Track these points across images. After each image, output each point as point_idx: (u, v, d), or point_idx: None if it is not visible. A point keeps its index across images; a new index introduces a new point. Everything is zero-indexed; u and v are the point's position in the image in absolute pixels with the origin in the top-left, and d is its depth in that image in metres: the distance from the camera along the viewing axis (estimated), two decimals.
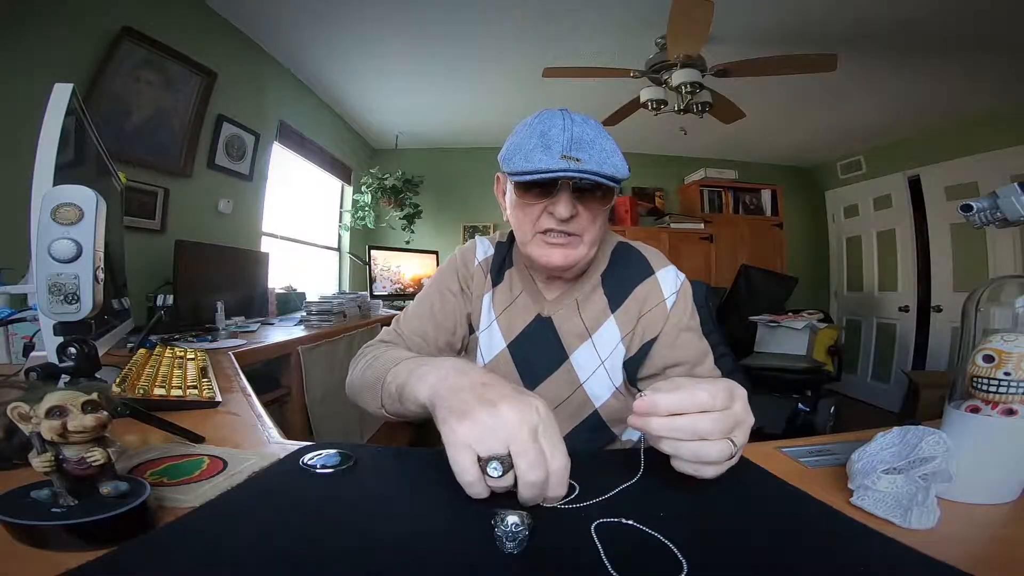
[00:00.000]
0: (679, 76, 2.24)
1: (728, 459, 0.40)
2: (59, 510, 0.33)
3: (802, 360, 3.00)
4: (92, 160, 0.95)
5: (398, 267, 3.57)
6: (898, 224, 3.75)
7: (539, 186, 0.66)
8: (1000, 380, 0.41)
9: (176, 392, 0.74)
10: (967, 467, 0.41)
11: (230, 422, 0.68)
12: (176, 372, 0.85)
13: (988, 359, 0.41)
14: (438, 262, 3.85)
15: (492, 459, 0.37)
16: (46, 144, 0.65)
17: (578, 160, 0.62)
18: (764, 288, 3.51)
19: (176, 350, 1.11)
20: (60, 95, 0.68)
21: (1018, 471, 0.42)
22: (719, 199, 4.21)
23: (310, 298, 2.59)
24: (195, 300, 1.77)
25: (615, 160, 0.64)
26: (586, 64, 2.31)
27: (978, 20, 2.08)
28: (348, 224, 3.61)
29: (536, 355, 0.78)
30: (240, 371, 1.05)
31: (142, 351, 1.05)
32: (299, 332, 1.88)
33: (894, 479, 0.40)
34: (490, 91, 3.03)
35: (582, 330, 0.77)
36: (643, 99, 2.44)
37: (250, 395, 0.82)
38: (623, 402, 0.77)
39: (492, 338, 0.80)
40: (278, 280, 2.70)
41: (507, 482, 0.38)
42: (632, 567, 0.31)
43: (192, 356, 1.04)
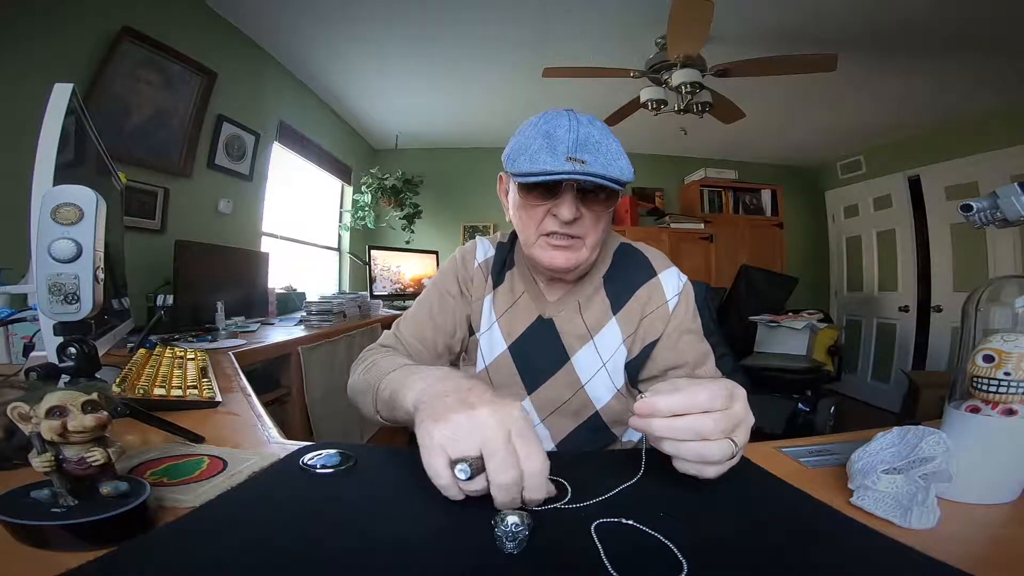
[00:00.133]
0: (679, 76, 2.24)
1: (729, 459, 0.40)
2: (59, 510, 0.33)
3: (802, 360, 3.00)
4: (92, 160, 0.95)
5: (398, 267, 3.57)
6: (898, 224, 3.75)
7: (543, 187, 0.65)
8: (1000, 380, 0.41)
9: (176, 392, 0.74)
10: (967, 467, 0.41)
11: (230, 422, 0.68)
12: (176, 372, 0.85)
13: (988, 359, 0.41)
14: (438, 262, 3.85)
15: (460, 461, 0.37)
16: (46, 144, 0.65)
17: (583, 162, 0.61)
18: (764, 288, 3.51)
19: (176, 350, 1.11)
20: (60, 95, 0.68)
21: (1018, 471, 0.43)
22: (719, 199, 4.21)
23: (310, 298, 2.59)
24: (195, 300, 1.77)
25: (621, 162, 0.63)
26: (586, 64, 2.30)
27: (978, 20, 2.08)
28: (348, 224, 3.61)
29: (537, 357, 0.78)
30: (240, 371, 1.05)
31: (142, 351, 1.05)
32: (299, 332, 1.88)
33: (894, 479, 0.40)
34: (490, 91, 3.03)
35: (583, 332, 0.77)
36: (643, 99, 2.44)
37: (250, 395, 0.82)
38: (624, 404, 0.77)
39: (493, 340, 0.80)
40: (278, 280, 2.70)
41: (479, 485, 0.37)
42: (632, 567, 0.31)
43: (192, 356, 1.04)
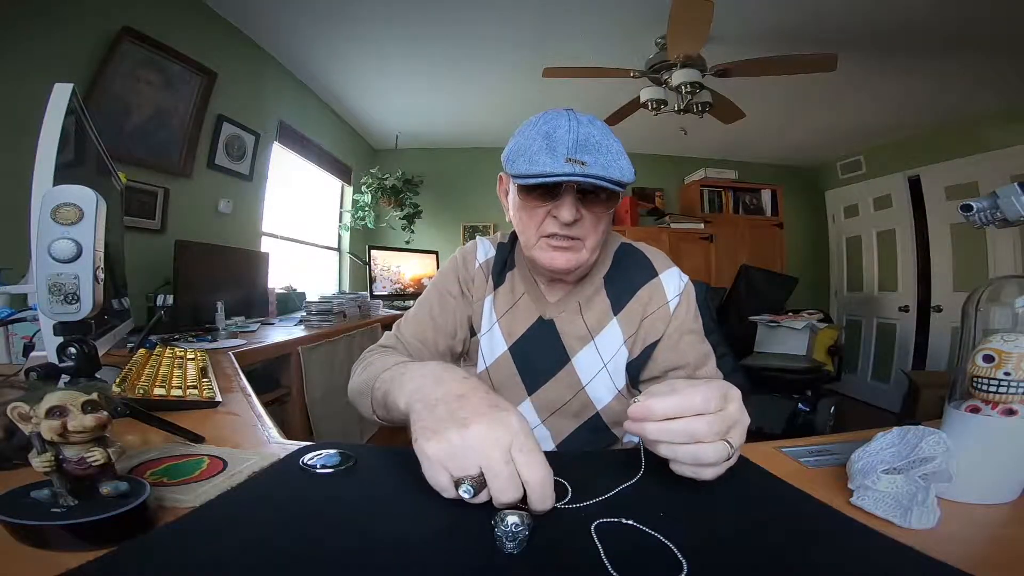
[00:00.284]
0: (679, 76, 2.24)
1: (725, 460, 0.40)
2: (59, 510, 0.33)
3: (802, 360, 3.00)
4: (92, 160, 0.95)
5: (398, 267, 3.57)
6: (898, 224, 3.75)
7: (543, 189, 0.65)
8: (1000, 380, 0.41)
9: (176, 392, 0.74)
10: (967, 467, 0.41)
11: (230, 422, 0.68)
12: (176, 372, 0.85)
13: (988, 359, 0.41)
14: (438, 262, 3.85)
15: (463, 480, 0.36)
16: (46, 144, 0.65)
17: (583, 163, 0.60)
18: (764, 288, 3.51)
19: (176, 350, 1.11)
20: (60, 95, 0.69)
21: (1018, 471, 0.43)
22: (719, 199, 4.21)
23: (310, 298, 2.59)
24: (195, 300, 1.77)
25: (621, 163, 0.62)
26: (586, 64, 2.30)
27: (978, 20, 2.08)
28: (348, 224, 3.61)
29: (538, 358, 0.78)
30: (240, 371, 1.05)
31: (142, 351, 1.05)
32: (299, 332, 1.88)
33: (894, 479, 0.40)
34: (490, 91, 3.03)
35: (584, 332, 0.77)
36: (643, 99, 2.44)
37: (250, 395, 0.82)
38: (625, 404, 0.76)
39: (493, 341, 0.80)
40: (278, 280, 2.70)
41: (485, 497, 0.37)
42: (632, 567, 0.31)
43: (192, 356, 1.04)
